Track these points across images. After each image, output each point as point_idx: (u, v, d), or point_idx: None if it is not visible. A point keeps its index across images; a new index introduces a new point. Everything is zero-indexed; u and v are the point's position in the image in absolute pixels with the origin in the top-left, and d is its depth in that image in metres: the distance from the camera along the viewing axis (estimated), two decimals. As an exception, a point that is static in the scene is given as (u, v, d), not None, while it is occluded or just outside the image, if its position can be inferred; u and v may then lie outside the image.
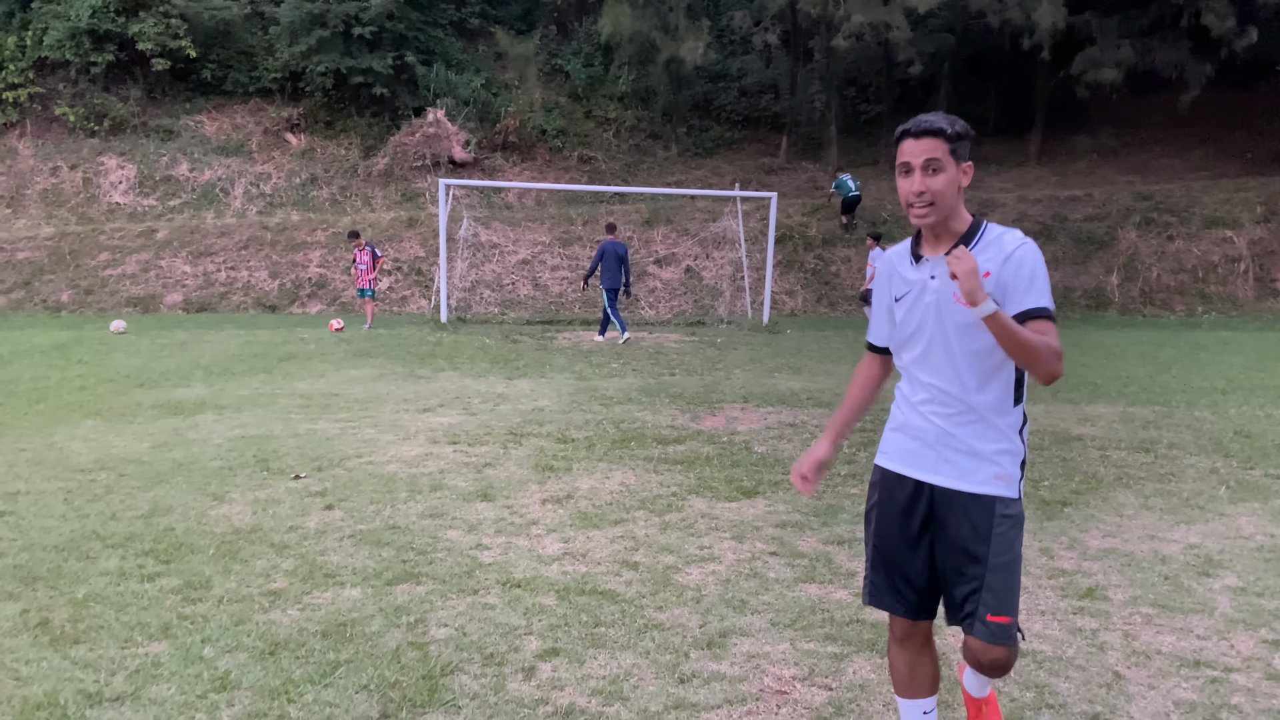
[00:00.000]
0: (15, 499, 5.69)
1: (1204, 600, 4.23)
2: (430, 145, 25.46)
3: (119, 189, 24.25)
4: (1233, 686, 3.39)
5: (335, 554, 4.75)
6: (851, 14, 23.68)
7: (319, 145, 26.44)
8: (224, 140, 26.12)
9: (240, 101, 27.01)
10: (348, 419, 8.35)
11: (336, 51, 25.33)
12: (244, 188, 25.05)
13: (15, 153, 24.72)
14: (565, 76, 29.02)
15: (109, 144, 25.08)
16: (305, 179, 25.55)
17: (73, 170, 24.47)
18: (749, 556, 4.77)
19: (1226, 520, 5.46)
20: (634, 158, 27.59)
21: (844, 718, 3.16)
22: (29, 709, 3.14)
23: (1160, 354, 13.99)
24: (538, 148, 26.75)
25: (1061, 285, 22.81)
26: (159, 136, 25.58)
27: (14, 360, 11.99)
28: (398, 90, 26.30)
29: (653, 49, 25.49)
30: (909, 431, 2.60)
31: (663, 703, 3.24)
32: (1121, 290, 22.77)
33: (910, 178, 2.48)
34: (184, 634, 3.76)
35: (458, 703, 3.22)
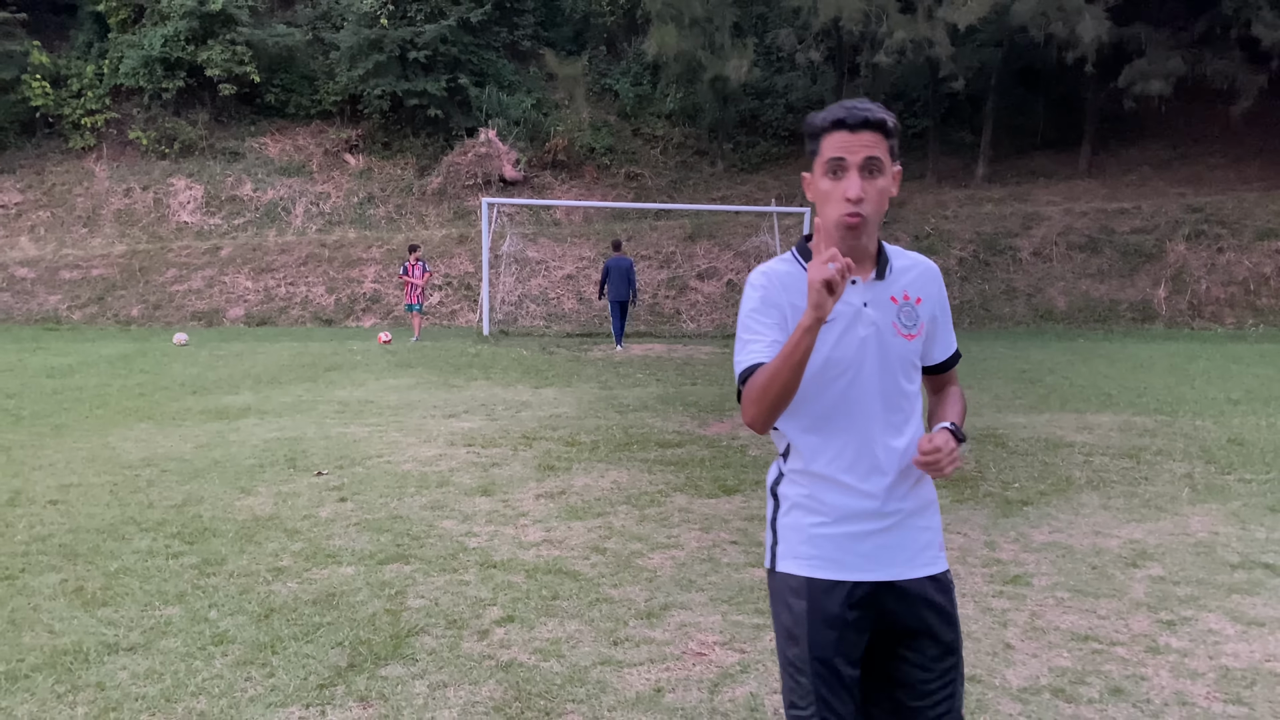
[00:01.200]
0: (68, 490, 6.36)
1: (1120, 587, 4.56)
2: (482, 164, 26.27)
3: (187, 208, 25.46)
4: (1110, 657, 3.74)
5: (339, 538, 5.30)
6: (894, 30, 23.94)
7: (376, 165, 27.43)
8: (286, 161, 27.25)
9: (302, 124, 28.15)
10: (377, 423, 8.95)
11: (393, 75, 26.30)
12: (304, 206, 26.10)
13: (92, 175, 26.10)
14: (614, 96, 29.68)
15: (178, 166, 26.35)
16: (363, 198, 26.53)
17: (144, 191, 25.76)
18: (710, 544, 5.21)
19: (1178, 520, 5.74)
20: (680, 174, 28.11)
21: (747, 674, 3.59)
22: (57, 654, 3.72)
23: (1190, 366, 14.03)
24: (586, 165, 27.42)
25: (1107, 298, 22.76)
26: (225, 158, 26.78)
27: (82, 370, 12.88)
28: (451, 111, 27.19)
29: (698, 68, 26.01)
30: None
31: (592, 659, 3.70)
32: (1169, 303, 22.59)
33: (843, 179, 1.98)
34: (195, 601, 4.33)
35: (415, 657, 3.72)
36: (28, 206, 25.27)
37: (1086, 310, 22.48)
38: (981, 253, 23.81)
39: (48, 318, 21.40)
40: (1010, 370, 13.28)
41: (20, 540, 5.23)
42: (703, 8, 25.90)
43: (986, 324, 22.15)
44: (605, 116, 28.95)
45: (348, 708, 3.32)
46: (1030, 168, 28.46)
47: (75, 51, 27.58)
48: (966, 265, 23.62)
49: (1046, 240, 23.87)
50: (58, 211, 25.15)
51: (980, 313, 22.63)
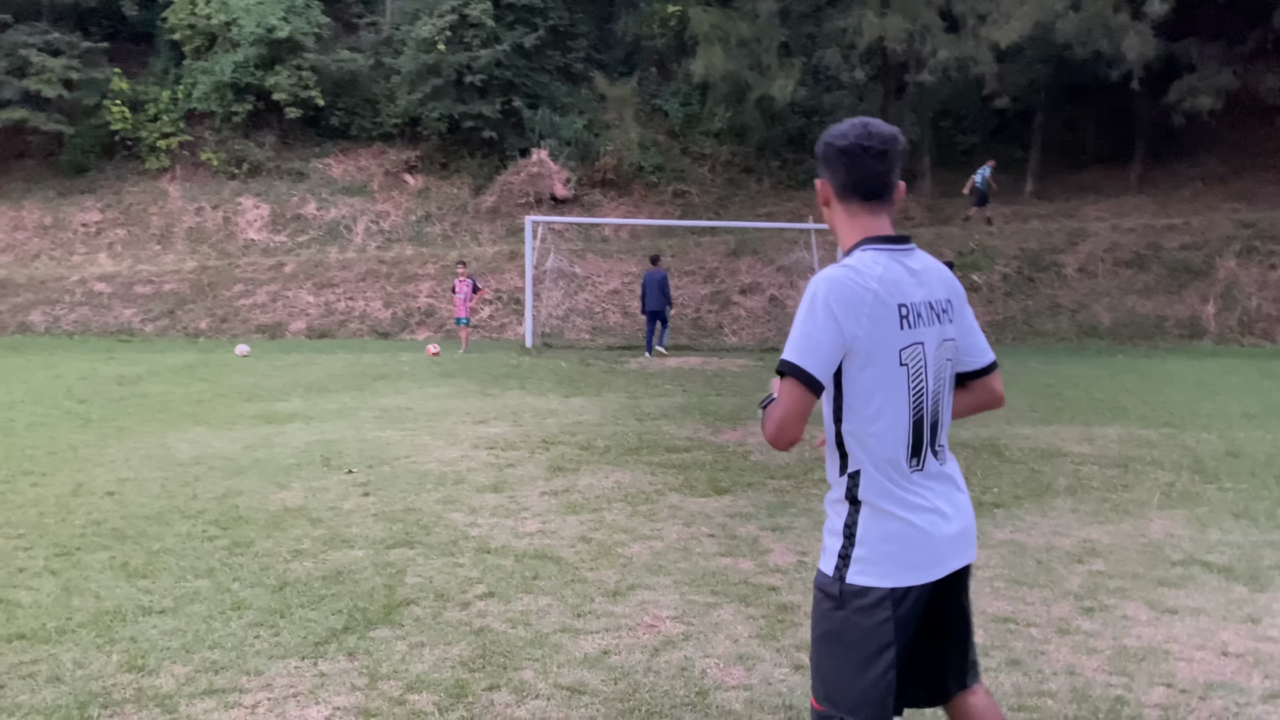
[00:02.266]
0: (124, 483, 7.06)
1: (1057, 579, 4.94)
2: (534, 184, 27.05)
3: (254, 226, 26.64)
4: (1021, 635, 4.15)
5: (356, 527, 5.89)
6: (937, 49, 24.21)
7: (434, 185, 28.39)
8: (349, 181, 28.34)
9: (364, 145, 29.23)
10: (411, 428, 9.58)
11: (450, 98, 27.24)
12: (365, 225, 27.13)
13: (166, 195, 27.45)
14: (664, 115, 30.30)
15: (247, 186, 27.58)
16: (420, 216, 27.49)
17: (214, 210, 27.01)
18: (689, 536, 5.69)
19: (1140, 523, 6.07)
20: (727, 191, 28.59)
21: (688, 642, 4.07)
22: (100, 614, 4.34)
23: (1220, 381, 14.08)
24: (634, 183, 28.05)
25: (1154, 315, 22.66)
26: (291, 178, 27.95)
27: (149, 378, 13.78)
28: (505, 133, 28.04)
29: (745, 88, 26.51)
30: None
31: (554, 628, 4.22)
32: (1218, 320, 22.42)
33: None
34: (222, 575, 4.94)
35: (402, 622, 4.27)
36: (106, 225, 26.69)
37: (1132, 326, 22.41)
38: (1026, 269, 23.84)
39: (122, 330, 22.60)
40: (1035, 384, 13.49)
41: (78, 524, 5.91)
42: (750, 29, 26.43)
43: (1029, 340, 22.19)
44: (655, 136, 29.56)
45: (337, 660, 3.87)
46: (1081, 184, 28.38)
47: (152, 78, 29.03)
48: (1010, 281, 23.68)
49: (1092, 256, 23.83)
50: (134, 229, 26.52)
51: (1023, 329, 22.69)
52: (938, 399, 2.29)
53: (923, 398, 2.23)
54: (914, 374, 2.22)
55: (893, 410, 2.19)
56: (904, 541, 2.20)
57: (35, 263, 25.48)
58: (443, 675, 3.72)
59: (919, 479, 2.23)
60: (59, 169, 27.82)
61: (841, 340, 2.14)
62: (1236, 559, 5.26)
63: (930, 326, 2.25)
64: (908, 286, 2.23)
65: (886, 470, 2.20)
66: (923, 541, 2.21)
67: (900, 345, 2.19)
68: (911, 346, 2.21)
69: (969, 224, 24.84)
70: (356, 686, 3.63)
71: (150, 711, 3.42)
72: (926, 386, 2.24)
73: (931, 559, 2.22)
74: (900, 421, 2.20)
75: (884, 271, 2.21)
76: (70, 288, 24.01)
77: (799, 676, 3.72)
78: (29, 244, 26.10)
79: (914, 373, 2.22)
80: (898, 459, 2.20)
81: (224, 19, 27.01)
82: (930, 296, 2.27)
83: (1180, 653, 3.97)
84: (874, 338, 2.16)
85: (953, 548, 2.27)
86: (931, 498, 2.24)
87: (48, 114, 26.37)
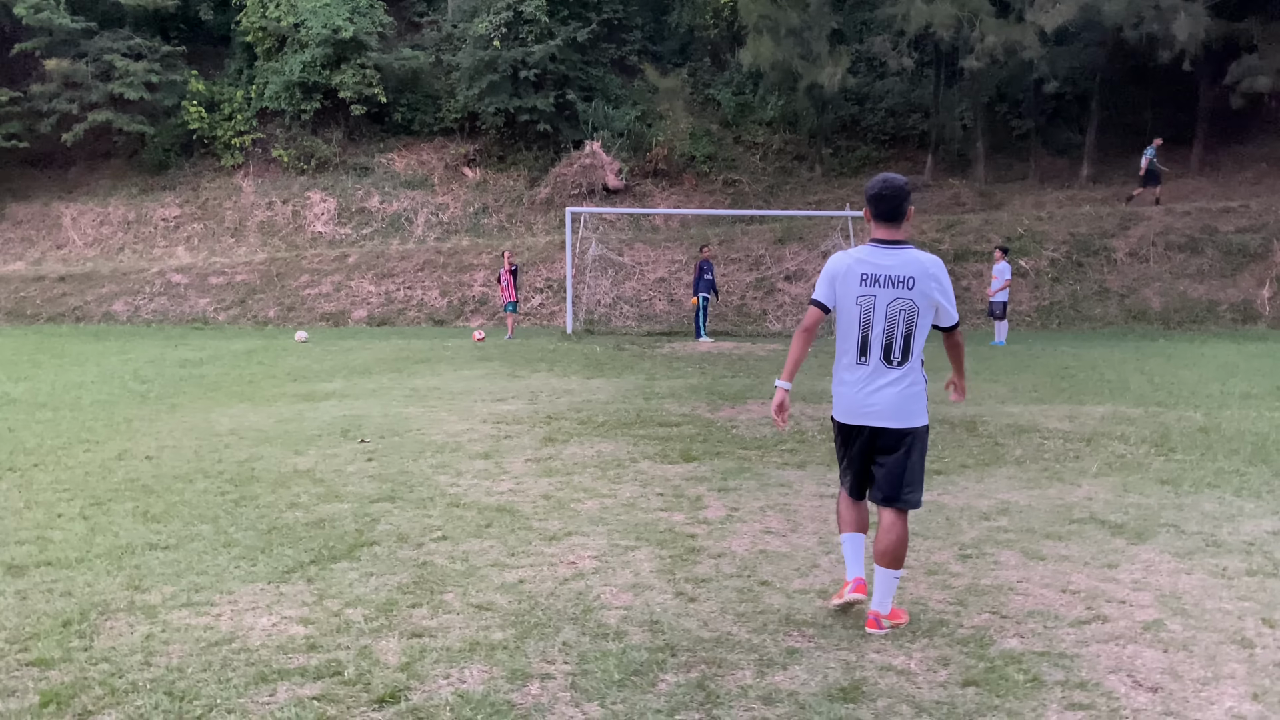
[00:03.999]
0: (163, 450, 7.97)
1: (956, 532, 5.45)
2: (587, 175, 27.80)
3: (321, 219, 27.93)
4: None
5: (352, 485, 6.66)
6: (985, 35, 24.21)
7: (491, 178, 29.34)
8: (411, 175, 29.46)
9: (425, 140, 30.33)
10: (434, 405, 10.37)
11: (506, 93, 28.12)
12: (425, 217, 28.21)
13: (240, 190, 28.92)
14: (716, 105, 30.74)
15: (315, 181, 28.89)
16: (478, 208, 28.46)
17: (284, 204, 28.38)
18: (640, 495, 6.33)
19: (1066, 488, 6.50)
20: (778, 179, 28.94)
21: (595, 575, 4.72)
22: (115, 549, 5.17)
23: (1248, 364, 14.08)
24: (685, 173, 28.59)
25: (1206, 299, 22.44)
26: (356, 173, 29.18)
27: (209, 362, 14.88)
28: (560, 125, 28.83)
29: (795, 76, 26.80)
30: None
31: (487, 563, 4.90)
32: (1273, 304, 22.11)
33: None
34: (223, 521, 5.74)
35: (360, 558, 5.01)
36: (184, 219, 28.25)
37: (1183, 311, 22.22)
38: (1075, 253, 23.76)
39: (197, 319, 24.03)
40: (1052, 367, 13.74)
41: (116, 481, 6.80)
42: (799, 18, 26.69)
43: (1076, 324, 22.19)
44: (708, 125, 30.04)
45: (297, 585, 4.62)
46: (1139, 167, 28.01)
47: (227, 79, 30.53)
48: (1058, 266, 23.64)
49: (1144, 240, 23.64)
50: (209, 224, 28.02)
51: (1070, 313, 22.67)
52: (889, 332, 3.96)
53: (869, 327, 3.98)
54: (864, 312, 3.98)
55: (847, 328, 4.05)
56: (839, 397, 4.13)
57: (119, 256, 27.14)
58: (378, 596, 4.44)
59: (859, 368, 4.04)
60: (141, 167, 29.49)
61: (832, 287, 4.04)
62: (1134, 518, 5.69)
63: (885, 289, 3.96)
64: (876, 264, 3.97)
65: (843, 360, 4.10)
66: (848, 402, 4.08)
67: (857, 295, 3.99)
68: (865, 296, 3.98)
69: (1133, 203, 24.62)
70: (305, 603, 4.37)
71: (136, 616, 4.20)
72: (873, 321, 3.97)
73: (848, 411, 4.09)
74: (851, 335, 4.03)
75: (864, 254, 4.03)
76: (150, 279, 25.56)
77: (677, 601, 4.35)
78: (114, 238, 27.79)
79: (864, 311, 3.98)
80: (850, 356, 4.06)
81: (293, 21, 28.29)
82: (893, 273, 3.95)
83: (1023, 589, 4.48)
84: (844, 288, 4.01)
85: (864, 410, 4.03)
86: (861, 378, 4.04)
87: (131, 115, 28.00)
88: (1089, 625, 4.05)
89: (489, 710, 3.32)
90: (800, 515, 5.85)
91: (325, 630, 4.03)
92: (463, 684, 3.52)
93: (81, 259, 27.35)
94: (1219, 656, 3.73)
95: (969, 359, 4.62)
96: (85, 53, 28.04)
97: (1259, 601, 4.32)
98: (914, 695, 3.42)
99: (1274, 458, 7.35)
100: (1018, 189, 27.88)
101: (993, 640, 3.90)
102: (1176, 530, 5.45)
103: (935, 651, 3.79)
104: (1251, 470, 6.94)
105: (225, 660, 3.74)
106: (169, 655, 3.79)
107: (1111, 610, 4.22)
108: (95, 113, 27.54)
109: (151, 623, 4.14)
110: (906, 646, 3.84)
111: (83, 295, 25.31)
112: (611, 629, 4.04)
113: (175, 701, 3.39)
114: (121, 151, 29.72)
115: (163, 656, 3.78)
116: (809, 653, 3.78)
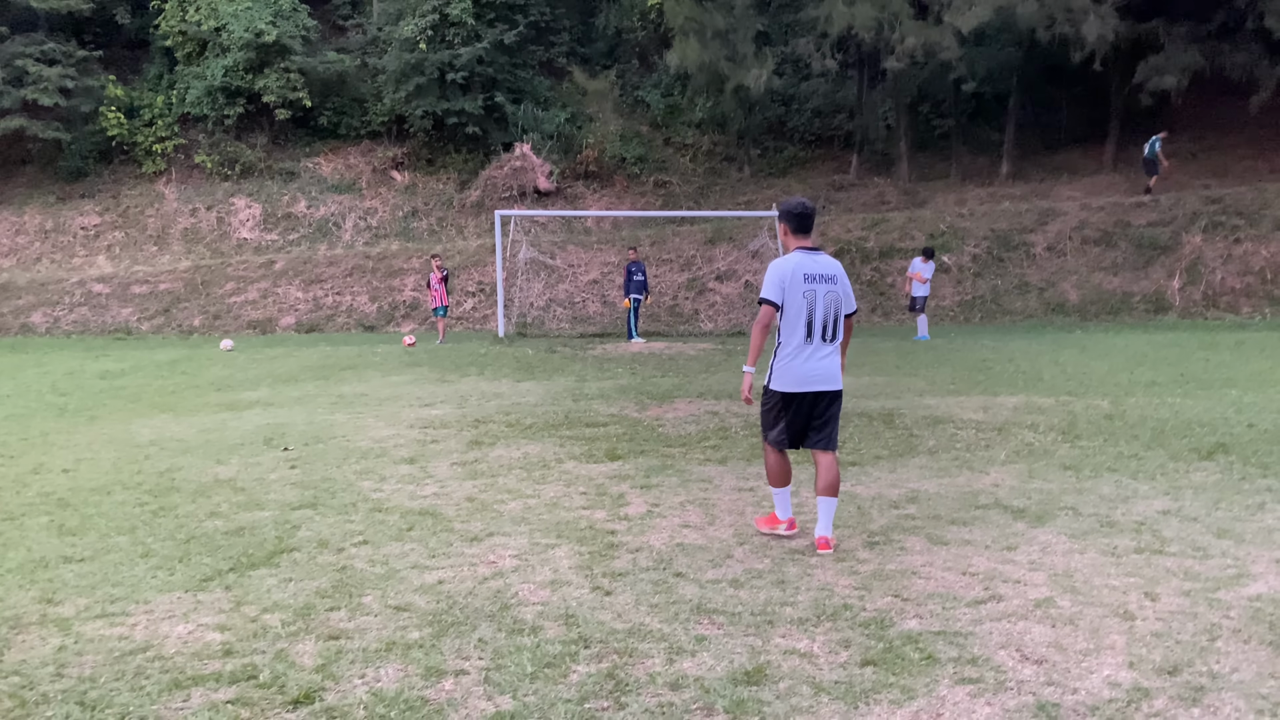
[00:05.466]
0: (80, 462, 7.85)
1: (865, 520, 5.64)
2: (517, 178, 27.81)
3: (246, 226, 27.52)
4: (801, 563, 4.85)
5: (274, 493, 6.64)
6: (905, 36, 24.76)
7: (420, 181, 29.17)
8: (338, 179, 29.17)
9: (352, 144, 30.05)
10: (360, 412, 10.33)
11: (433, 96, 28.00)
12: (354, 221, 27.96)
13: (162, 197, 28.35)
14: (645, 107, 30.95)
15: (239, 186, 28.45)
16: (407, 212, 28.29)
17: (208, 210, 27.90)
18: (563, 495, 6.42)
19: (976, 476, 6.75)
20: (708, 180, 29.24)
21: (515, 573, 4.80)
22: (28, 563, 5.11)
23: (1157, 354, 14.64)
24: (616, 175, 28.75)
25: (1120, 291, 23.20)
26: (282, 178, 28.81)
27: (131, 373, 14.61)
28: (489, 128, 28.78)
29: (722, 78, 27.11)
30: None
31: (406, 564, 4.96)
32: (1183, 294, 22.94)
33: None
34: (141, 532, 5.70)
35: (280, 565, 5.02)
36: (105, 228, 27.61)
37: (1099, 303, 22.96)
38: (995, 249, 24.43)
39: (120, 329, 23.51)
40: (971, 360, 14.14)
41: (30, 495, 6.69)
42: (724, 20, 27.01)
43: (997, 318, 22.81)
44: (637, 127, 30.24)
45: (214, 592, 4.63)
46: (1056, 164, 28.86)
47: (147, 84, 29.92)
48: (980, 261, 24.27)
49: (1061, 235, 24.38)
50: (131, 232, 27.43)
51: (991, 307, 23.29)
52: (825, 317, 5.07)
53: (813, 313, 5.06)
54: (809, 303, 5.05)
55: (795, 317, 5.07)
56: (787, 371, 5.13)
57: (37, 266, 26.43)
58: (297, 601, 4.47)
59: (806, 346, 5.08)
60: (58, 175, 28.76)
61: (781, 287, 5.05)
62: (1036, 503, 5.95)
63: (819, 284, 5.07)
64: (809, 268, 5.08)
65: (791, 342, 5.10)
66: (799, 373, 5.10)
67: (803, 290, 5.05)
68: (809, 290, 5.06)
69: (1152, 194, 25.06)
70: (222, 610, 4.38)
71: (49, 629, 4.18)
72: (816, 309, 5.06)
73: (796, 381, 5.11)
74: (800, 321, 5.06)
75: (801, 259, 5.12)
76: (70, 289, 24.94)
77: (593, 595, 4.45)
78: (30, 248, 27.05)
79: (808, 303, 5.05)
80: (799, 337, 5.08)
81: (214, 25, 27.85)
82: (823, 272, 5.10)
83: (925, 573, 4.67)
84: (791, 287, 5.04)
85: (812, 379, 5.10)
86: (808, 354, 5.09)
87: (46, 122, 27.31)
88: (984, 605, 4.25)
89: (403, 707, 3.39)
90: (718, 509, 5.99)
91: (242, 636, 4.06)
92: (378, 683, 3.59)
93: (-4, 270, 26.59)
94: (1101, 629, 3.95)
95: (891, 354, 4.87)
96: (-4, 57, 27.29)
97: (1143, 577, 4.57)
98: (815, 676, 3.57)
99: (1171, 442, 7.70)
100: (940, 187, 28.54)
101: (893, 622, 4.07)
102: (1074, 513, 5.71)
103: (838, 634, 3.95)
104: (1149, 454, 7.27)
105: (139, 669, 3.75)
106: (81, 666, 3.79)
107: (1006, 590, 4.42)
108: (8, 119, 26.83)
109: (64, 635, 4.12)
110: (810, 630, 3.99)
111: (-2, 307, 24.61)
112: (527, 624, 4.13)
113: (87, 711, 3.41)
114: (37, 159, 28.96)
115: (75, 668, 3.78)
116: (717, 639, 3.92)
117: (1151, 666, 3.59)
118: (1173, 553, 4.92)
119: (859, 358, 14.63)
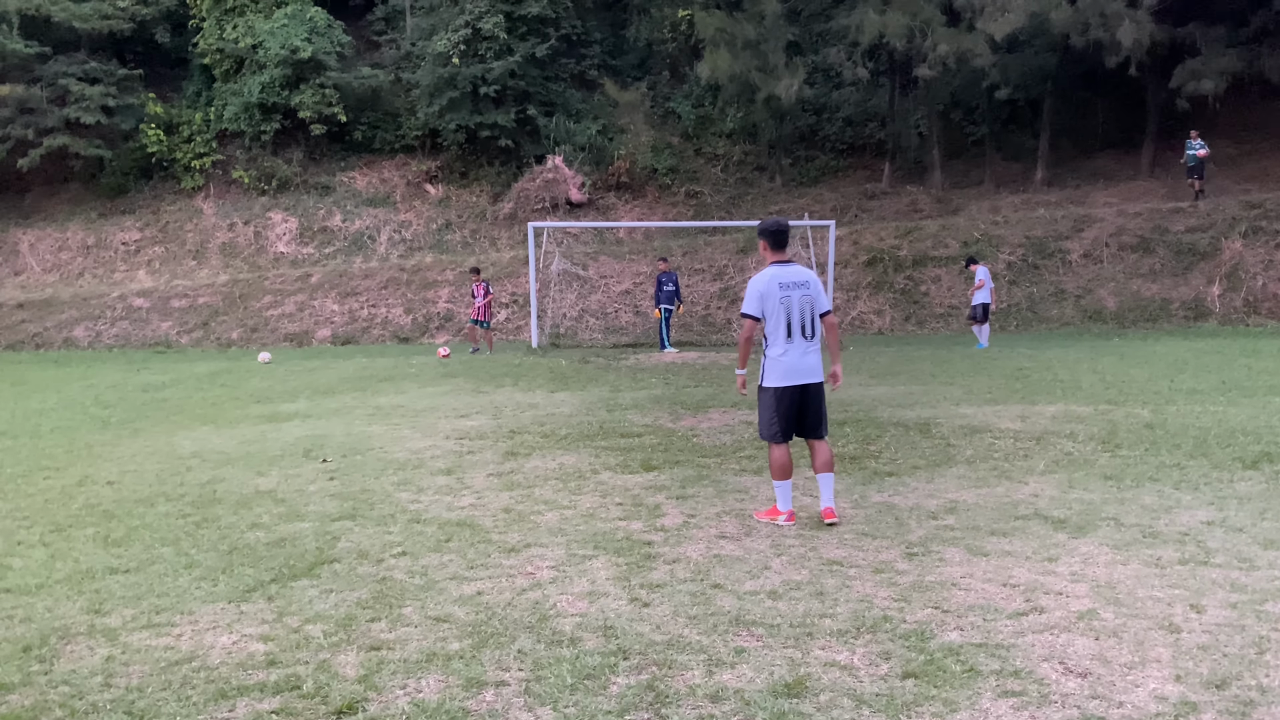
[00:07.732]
0: (124, 474, 7.98)
1: (904, 531, 5.60)
2: (549, 189, 27.94)
3: (283, 240, 27.86)
4: (838, 573, 4.83)
5: (314, 505, 6.71)
6: (937, 44, 24.64)
7: (454, 194, 29.40)
8: (373, 193, 29.47)
9: (387, 158, 30.35)
10: (396, 423, 10.42)
11: (466, 109, 28.21)
12: (388, 234, 28.22)
13: (200, 212, 28.79)
14: (676, 118, 31.01)
15: (276, 201, 28.82)
16: (441, 224, 28.52)
17: (246, 225, 28.28)
18: (599, 506, 6.43)
19: (1014, 485, 6.69)
20: (739, 190, 29.22)
21: (553, 585, 4.82)
22: (75, 574, 5.20)
23: (1198, 360, 14.41)
24: (648, 186, 28.81)
25: (1159, 297, 22.89)
26: (317, 192, 29.14)
27: (172, 385, 14.83)
28: (522, 141, 28.96)
29: (753, 88, 27.10)
30: None
31: (446, 576, 4.99)
32: (1223, 301, 22.59)
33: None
34: (185, 543, 5.79)
35: (321, 576, 5.08)
36: (145, 243, 28.08)
37: (1137, 310, 22.67)
38: (1030, 256, 24.19)
39: (160, 342, 23.88)
40: (1008, 369, 14.00)
41: (76, 507, 6.82)
42: (755, 30, 27.02)
43: (1033, 326, 22.58)
44: (668, 138, 30.29)
45: (257, 603, 4.69)
46: (1092, 170, 28.56)
47: (185, 101, 30.43)
48: (1015, 269, 24.05)
49: (1098, 242, 24.10)
50: (170, 246, 27.87)
51: (1027, 315, 23.06)
52: (803, 317, 5.77)
53: (790, 316, 5.75)
54: (785, 308, 5.75)
55: (776, 321, 5.76)
56: (778, 367, 5.81)
57: (79, 281, 26.92)
58: (338, 612, 4.52)
59: (788, 344, 5.77)
60: (100, 191, 29.30)
61: (761, 301, 5.77)
62: (1077, 513, 5.88)
63: (794, 291, 5.77)
64: (783, 278, 5.78)
65: (776, 343, 5.79)
66: (786, 368, 5.79)
67: (780, 297, 5.76)
68: (785, 297, 5.76)
69: (1203, 196, 24.77)
70: (265, 621, 4.44)
71: (97, 639, 4.26)
72: (792, 312, 5.75)
73: (786, 374, 5.80)
74: (781, 324, 5.76)
75: (776, 272, 5.81)
76: (111, 304, 25.37)
77: (631, 607, 4.46)
78: (73, 263, 27.57)
79: (785, 308, 5.75)
80: (780, 337, 5.77)
81: (250, 42, 28.26)
82: (795, 280, 5.81)
83: (966, 585, 4.64)
84: (769, 297, 5.76)
85: (798, 373, 5.80)
86: (792, 350, 5.78)
87: (88, 140, 27.82)
88: (1026, 617, 4.21)
89: (445, 718, 3.42)
90: (755, 519, 5.98)
91: (285, 646, 4.11)
92: (419, 694, 3.62)
93: (40, 285, 27.11)
94: (1147, 642, 3.90)
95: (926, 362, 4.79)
96: (40, 77, 27.84)
97: (1188, 589, 4.50)
98: (855, 688, 3.55)
99: (1214, 451, 7.58)
100: (974, 194, 28.32)
101: (934, 634, 4.04)
102: (1116, 523, 5.64)
103: (878, 646, 3.93)
104: (1191, 464, 7.17)
105: (185, 679, 3.81)
106: (129, 676, 3.86)
107: (1048, 602, 4.38)
108: (51, 138, 27.35)
109: (112, 645, 4.19)
110: (850, 642, 3.98)
111: (42, 322, 25.07)
112: (566, 636, 4.14)
113: (135, 720, 3.46)
114: (79, 176, 29.50)
115: (122, 677, 3.84)
116: (756, 651, 3.91)
117: (1199, 680, 3.54)
118: (1218, 564, 4.85)
119: (894, 366, 14.56)
